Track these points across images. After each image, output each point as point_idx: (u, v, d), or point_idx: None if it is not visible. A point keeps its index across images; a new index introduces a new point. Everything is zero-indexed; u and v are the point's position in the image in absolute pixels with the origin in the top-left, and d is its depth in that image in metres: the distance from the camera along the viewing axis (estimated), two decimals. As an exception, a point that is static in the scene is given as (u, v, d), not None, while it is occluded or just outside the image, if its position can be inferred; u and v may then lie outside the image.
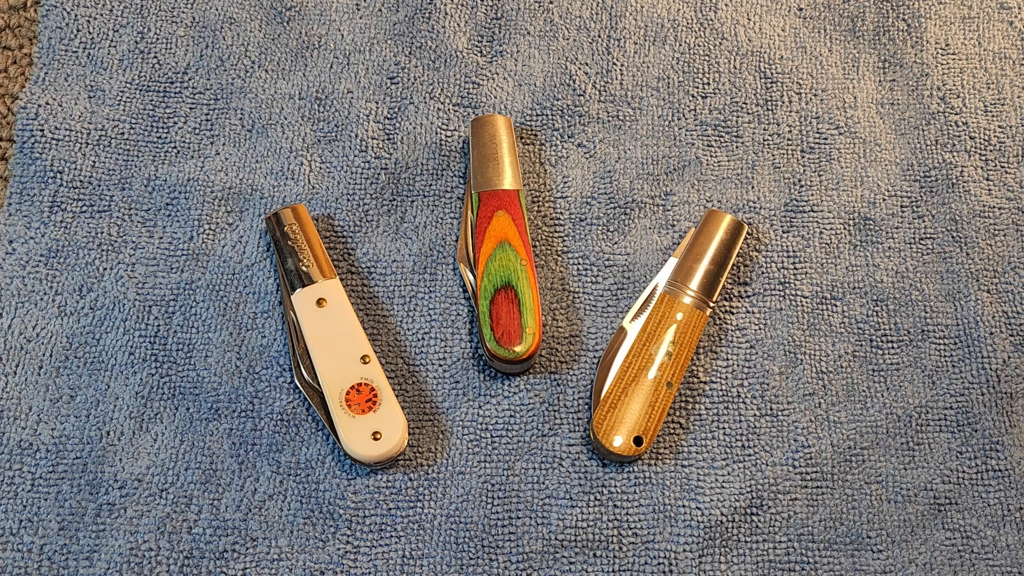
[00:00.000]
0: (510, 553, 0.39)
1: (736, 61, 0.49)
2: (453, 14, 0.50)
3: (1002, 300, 0.44)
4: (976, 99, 0.48)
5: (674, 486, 0.40)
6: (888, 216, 0.46)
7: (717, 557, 0.39)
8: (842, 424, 0.41)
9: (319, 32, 0.49)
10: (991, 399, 0.42)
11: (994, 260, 0.45)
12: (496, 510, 0.39)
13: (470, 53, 0.49)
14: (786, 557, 0.39)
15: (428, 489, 0.40)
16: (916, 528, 0.39)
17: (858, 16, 0.50)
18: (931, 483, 0.40)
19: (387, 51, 0.49)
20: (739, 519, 0.39)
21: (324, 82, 0.48)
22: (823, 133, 0.47)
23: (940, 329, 0.43)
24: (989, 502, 0.40)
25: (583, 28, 0.50)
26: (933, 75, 0.49)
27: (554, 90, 0.48)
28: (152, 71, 0.48)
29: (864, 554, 0.39)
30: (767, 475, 0.40)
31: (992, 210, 0.46)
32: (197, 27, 0.49)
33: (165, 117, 0.47)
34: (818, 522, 0.40)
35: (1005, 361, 0.42)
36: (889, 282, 0.44)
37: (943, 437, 0.41)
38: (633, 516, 0.39)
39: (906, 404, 0.42)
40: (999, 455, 0.41)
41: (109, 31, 0.49)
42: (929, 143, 0.47)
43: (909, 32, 0.50)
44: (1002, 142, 0.47)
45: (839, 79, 0.49)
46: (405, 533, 0.39)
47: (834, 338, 0.43)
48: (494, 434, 0.41)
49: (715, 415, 0.41)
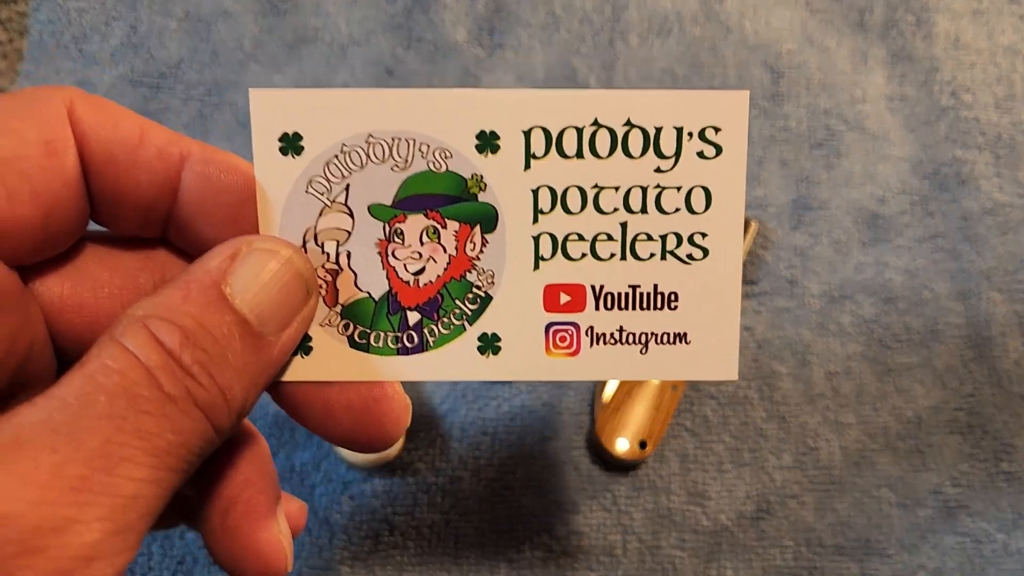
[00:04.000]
0: (511, 560, 0.38)
1: (743, 54, 0.48)
2: (452, 5, 0.49)
3: (1013, 299, 0.43)
4: (987, 94, 0.47)
5: (679, 491, 0.39)
6: (898, 213, 0.45)
7: (723, 563, 0.38)
8: (851, 426, 0.41)
9: (315, 24, 0.48)
10: (1003, 400, 0.41)
11: (1005, 258, 0.44)
12: (496, 516, 0.39)
13: (470, 46, 0.48)
14: (794, 563, 0.38)
15: (426, 495, 0.39)
16: (926, 533, 0.39)
17: (867, 9, 0.49)
18: (941, 486, 0.40)
19: (384, 43, 0.48)
20: (746, 524, 0.39)
21: (320, 75, 0.47)
22: (832, 128, 0.47)
23: (951, 329, 0.43)
24: (1000, 506, 0.39)
25: (585, 20, 0.49)
26: (943, 70, 0.48)
27: (556, 83, 0.47)
28: (144, 65, 0.47)
29: (873, 559, 0.38)
30: (775, 479, 0.40)
31: (1003, 207, 0.45)
32: (190, 20, 0.48)
33: (158, 111, 0.46)
34: (826, 527, 0.39)
35: (1017, 362, 0.42)
36: (899, 281, 0.43)
37: (953, 439, 0.41)
38: (637, 521, 0.39)
39: (916, 405, 0.41)
40: (1011, 458, 0.40)
41: (101, 25, 0.48)
42: (939, 139, 0.46)
43: (919, 26, 0.49)
44: (1013, 138, 0.46)
45: (848, 73, 0.48)
46: (403, 540, 0.38)
47: (843, 338, 0.42)
48: (494, 438, 0.40)
49: (721, 418, 0.41)
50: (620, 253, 0.20)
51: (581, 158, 0.20)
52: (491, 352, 0.20)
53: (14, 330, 0.18)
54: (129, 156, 0.18)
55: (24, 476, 0.14)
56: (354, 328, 0.20)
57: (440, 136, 0.19)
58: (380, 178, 0.20)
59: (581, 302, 0.20)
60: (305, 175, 0.20)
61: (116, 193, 0.19)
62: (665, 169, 0.20)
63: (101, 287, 0.20)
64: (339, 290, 0.20)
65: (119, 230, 0.20)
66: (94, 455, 0.15)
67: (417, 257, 0.20)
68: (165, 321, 0.17)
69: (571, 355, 0.21)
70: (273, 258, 0.19)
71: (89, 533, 0.15)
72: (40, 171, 0.17)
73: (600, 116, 0.20)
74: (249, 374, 0.18)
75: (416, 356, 0.20)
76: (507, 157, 0.20)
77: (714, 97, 0.20)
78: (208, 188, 0.19)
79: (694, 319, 0.20)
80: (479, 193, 0.20)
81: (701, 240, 0.20)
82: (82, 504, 0.15)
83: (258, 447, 0.21)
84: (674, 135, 0.20)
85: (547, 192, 0.20)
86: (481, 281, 0.20)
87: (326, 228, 0.20)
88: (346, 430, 0.20)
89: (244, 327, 0.18)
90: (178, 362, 0.16)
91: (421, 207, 0.20)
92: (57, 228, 0.18)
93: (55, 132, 0.17)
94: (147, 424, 0.16)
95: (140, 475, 0.15)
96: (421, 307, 0.20)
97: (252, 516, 0.20)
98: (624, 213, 0.20)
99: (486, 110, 0.19)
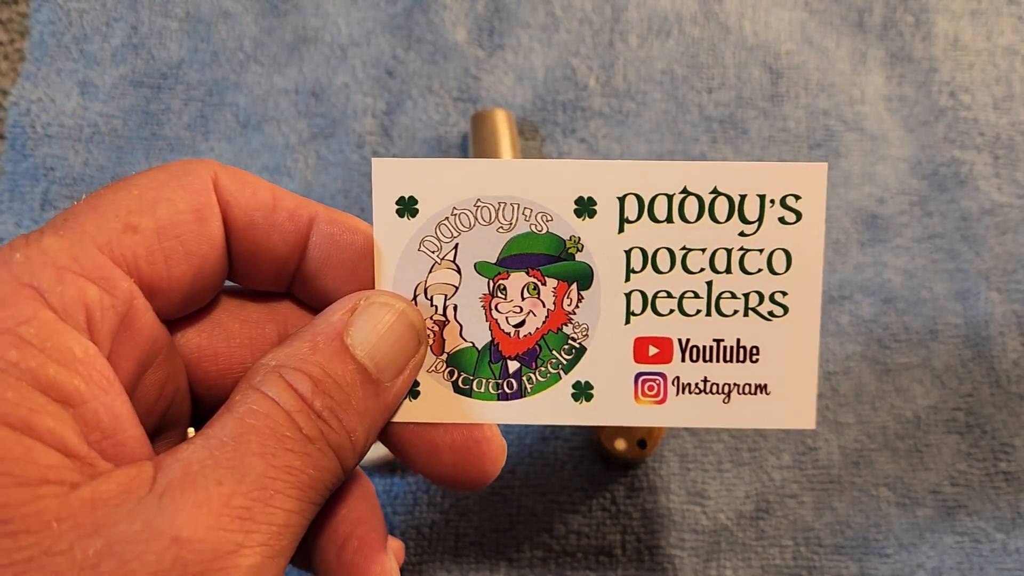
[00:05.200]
0: (511, 560, 0.38)
1: (742, 55, 0.48)
2: (452, 6, 0.49)
3: (1012, 299, 0.43)
4: (986, 95, 0.47)
5: (679, 490, 0.39)
6: (897, 213, 0.45)
7: (723, 563, 0.38)
8: (850, 426, 0.41)
9: (315, 25, 0.48)
10: (1001, 400, 0.41)
11: (1004, 258, 0.44)
12: (496, 516, 0.39)
13: (469, 46, 0.48)
14: (793, 562, 0.38)
15: (426, 494, 0.39)
16: (925, 532, 0.39)
17: (866, 9, 0.49)
18: (940, 486, 0.40)
19: (384, 44, 0.48)
20: (745, 523, 0.39)
21: (320, 76, 0.47)
22: (830, 128, 0.47)
23: (949, 329, 0.42)
24: (999, 505, 0.39)
25: (585, 20, 0.49)
26: (942, 70, 0.48)
27: (556, 84, 0.47)
28: (145, 65, 0.47)
29: (872, 559, 0.38)
30: (774, 478, 0.40)
31: (1002, 208, 0.45)
32: (191, 21, 0.48)
33: (158, 112, 0.46)
34: (825, 526, 0.39)
35: (1015, 362, 0.42)
36: (898, 281, 0.43)
37: (952, 439, 0.40)
38: (637, 521, 0.39)
39: (915, 405, 0.41)
40: (1009, 457, 0.40)
41: (102, 25, 0.48)
42: (938, 139, 0.46)
43: (917, 26, 0.49)
44: (1012, 139, 0.46)
45: (847, 74, 0.48)
46: (403, 539, 0.38)
47: (842, 338, 0.42)
48: (494, 437, 0.40)
49: (720, 417, 0.41)
50: (706, 310, 0.22)
51: (671, 223, 0.21)
52: (584, 399, 0.22)
53: (164, 378, 0.20)
54: (266, 220, 0.20)
55: (199, 505, 0.16)
56: (458, 375, 0.22)
57: (542, 201, 0.21)
58: (486, 238, 0.22)
59: (668, 354, 0.22)
60: (418, 235, 0.21)
61: (254, 253, 0.21)
62: (749, 233, 0.21)
63: (233, 338, 0.22)
64: (445, 340, 0.22)
65: (252, 285, 0.22)
66: (253, 487, 0.17)
67: (518, 311, 0.22)
68: (297, 371, 0.19)
69: (658, 403, 0.22)
70: (389, 311, 0.20)
71: (254, 556, 0.16)
72: (192, 236, 0.19)
73: (689, 184, 0.21)
74: (369, 417, 0.20)
75: (515, 402, 0.22)
76: (603, 221, 0.21)
77: (795, 169, 0.21)
78: (333, 247, 0.21)
79: (774, 371, 0.22)
80: (576, 253, 0.22)
81: (781, 298, 0.22)
82: (247, 531, 0.16)
83: (367, 486, 0.23)
84: (757, 202, 0.21)
85: (639, 253, 0.21)
86: (576, 334, 0.22)
87: (435, 283, 0.22)
88: (449, 468, 0.22)
89: (364, 375, 0.19)
90: (311, 407, 0.18)
91: (523, 265, 0.22)
92: (202, 286, 0.20)
93: (203, 200, 0.20)
94: (293, 461, 0.18)
95: (290, 506, 0.17)
96: (520, 357, 0.22)
97: (366, 552, 0.21)
98: (710, 273, 0.22)
99: (584, 178, 0.21)
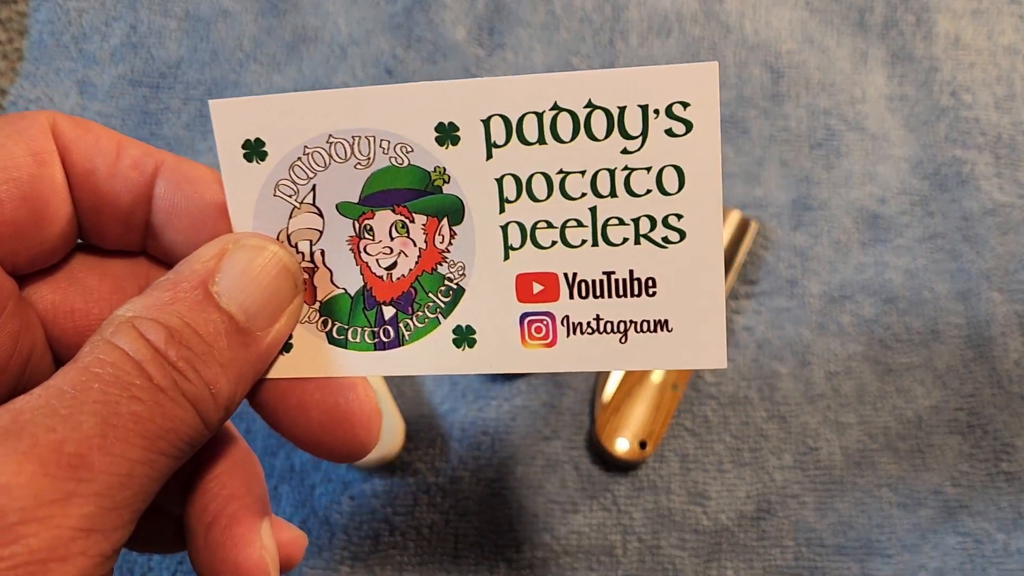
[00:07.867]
0: (511, 560, 0.38)
1: (742, 54, 0.48)
2: (452, 5, 0.49)
3: (1014, 299, 0.43)
4: (987, 94, 0.47)
5: (680, 491, 0.39)
6: (898, 213, 0.45)
7: (724, 563, 0.38)
8: (852, 426, 0.40)
9: (314, 24, 0.48)
10: (1003, 400, 0.41)
11: (1005, 258, 0.44)
12: (496, 516, 0.39)
13: (469, 45, 0.48)
14: (795, 563, 0.38)
15: (426, 495, 0.39)
16: (927, 532, 0.39)
17: (867, 9, 0.49)
18: (942, 486, 0.40)
19: (384, 43, 0.48)
20: (747, 524, 0.39)
21: (320, 75, 0.47)
22: (832, 128, 0.46)
23: (951, 329, 0.42)
24: (1000, 505, 0.39)
25: (585, 20, 0.49)
26: (943, 69, 0.48)
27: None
28: (144, 65, 0.47)
29: (874, 559, 0.38)
30: (775, 479, 0.40)
31: (1003, 207, 0.45)
32: (190, 20, 0.48)
33: (157, 112, 0.46)
34: (827, 527, 0.39)
35: (1017, 362, 0.42)
36: (899, 281, 0.43)
37: (954, 439, 0.40)
38: (637, 521, 0.39)
39: (916, 405, 0.41)
40: (1011, 457, 0.40)
41: (101, 24, 0.48)
42: (939, 139, 0.46)
43: (918, 25, 0.49)
44: (1013, 138, 0.46)
45: (847, 73, 0.48)
46: (403, 540, 0.38)
47: (844, 338, 0.42)
48: (494, 438, 0.40)
49: (722, 418, 0.41)
50: (592, 239, 0.20)
51: (543, 144, 0.19)
52: (466, 345, 0.20)
53: (16, 334, 0.19)
54: (107, 166, 0.20)
55: (25, 452, 0.15)
56: (332, 324, 0.20)
57: (399, 131, 0.19)
58: (345, 176, 0.20)
59: (554, 291, 0.20)
60: (272, 179, 0.20)
61: (96, 201, 0.20)
62: (632, 150, 0.19)
63: (91, 293, 0.21)
64: (317, 287, 0.20)
65: (104, 244, 0.21)
66: (91, 435, 0.16)
67: (388, 252, 0.20)
68: (152, 321, 0.17)
69: (547, 346, 0.20)
70: (260, 254, 0.19)
71: (87, 506, 0.15)
72: (29, 179, 0.19)
73: (559, 99, 0.19)
74: (236, 368, 0.18)
75: (392, 351, 0.20)
76: (468, 148, 0.19)
77: (679, 71, 0.18)
78: (180, 196, 0.20)
79: (675, 305, 0.20)
80: (443, 185, 0.20)
81: (676, 222, 0.19)
82: (80, 479, 0.15)
83: (248, 460, 0.21)
84: (639, 114, 0.19)
85: (512, 180, 0.19)
86: (452, 273, 0.20)
87: (298, 229, 0.20)
88: (316, 430, 0.20)
89: (231, 324, 0.18)
90: (164, 356, 0.17)
91: (388, 203, 0.20)
92: (49, 235, 0.19)
93: (40, 145, 0.19)
94: (138, 409, 0.16)
95: (133, 455, 0.16)
96: (395, 301, 0.20)
97: (235, 532, 0.20)
98: (593, 198, 0.19)
99: (443, 102, 0.19)
